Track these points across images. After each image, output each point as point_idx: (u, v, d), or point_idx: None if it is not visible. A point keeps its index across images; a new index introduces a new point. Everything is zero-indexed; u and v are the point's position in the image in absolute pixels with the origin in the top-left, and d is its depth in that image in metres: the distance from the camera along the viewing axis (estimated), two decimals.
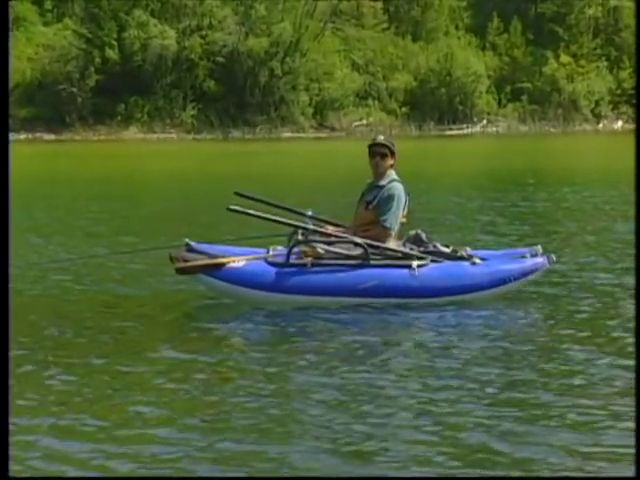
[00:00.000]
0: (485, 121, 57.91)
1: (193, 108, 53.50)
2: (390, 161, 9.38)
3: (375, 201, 9.23)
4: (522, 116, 58.79)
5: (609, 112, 60.86)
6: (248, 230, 11.02)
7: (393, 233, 9.21)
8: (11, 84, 52.96)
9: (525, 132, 56.61)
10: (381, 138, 9.55)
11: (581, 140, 50.77)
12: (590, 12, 62.00)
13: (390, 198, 9.17)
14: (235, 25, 54.88)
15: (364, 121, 55.78)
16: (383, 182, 9.30)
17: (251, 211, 9.10)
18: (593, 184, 23.71)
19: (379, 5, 59.49)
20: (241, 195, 9.67)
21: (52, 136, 51.09)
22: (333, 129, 54.93)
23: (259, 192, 10.12)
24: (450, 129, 55.66)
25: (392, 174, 9.40)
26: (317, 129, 54.81)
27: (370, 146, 9.42)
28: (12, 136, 50.18)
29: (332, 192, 20.54)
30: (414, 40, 59.53)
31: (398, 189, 9.24)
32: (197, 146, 46.25)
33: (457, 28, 61.69)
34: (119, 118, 52.95)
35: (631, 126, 59.89)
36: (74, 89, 52.18)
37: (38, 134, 51.29)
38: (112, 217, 16.98)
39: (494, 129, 57.55)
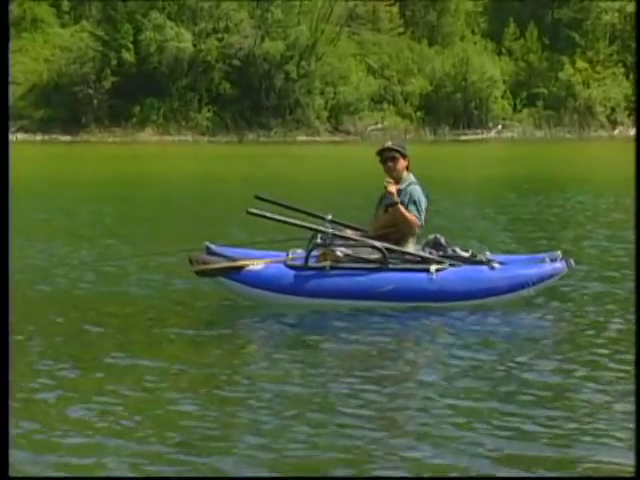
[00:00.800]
0: (500, 126, 57.82)
1: (208, 111, 53.58)
2: (403, 163, 9.36)
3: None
4: (537, 122, 58.69)
5: (625, 118, 60.69)
6: (268, 233, 11.07)
7: (419, 231, 9.22)
8: (27, 85, 53.21)
9: (540, 138, 56.51)
10: (389, 143, 9.56)
11: (597, 146, 50.66)
12: (607, 18, 61.89)
13: (412, 199, 9.18)
14: (251, 28, 54.94)
15: (379, 125, 55.78)
16: (402, 185, 9.32)
17: (270, 214, 9.14)
18: (608, 191, 23.66)
19: (395, 9, 59.50)
20: (262, 199, 9.72)
21: (68, 137, 51.23)
22: (348, 133, 54.94)
23: (274, 195, 10.15)
24: (465, 134, 55.59)
25: (410, 177, 9.41)
26: (332, 133, 54.83)
27: (378, 153, 9.44)
28: (28, 137, 50.44)
29: (347, 196, 20.54)
30: (430, 44, 59.52)
31: (417, 191, 9.26)
32: (212, 148, 46.29)
33: (473, 33, 61.65)
34: (134, 120, 53.05)
35: None
36: (90, 91, 52.31)
37: (54, 135, 51.42)
38: (126, 219, 17.04)
39: (509, 134, 57.46)
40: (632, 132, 60.40)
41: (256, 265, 8.99)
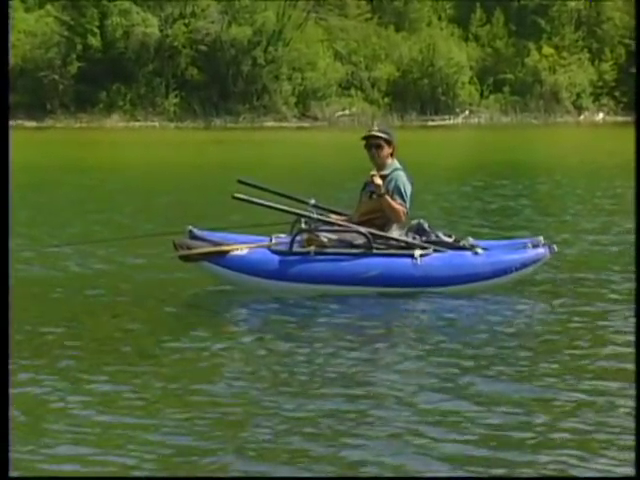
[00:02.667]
0: (467, 112, 57.90)
1: (176, 96, 53.26)
2: (387, 150, 9.37)
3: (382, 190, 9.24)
4: (504, 107, 58.82)
5: (590, 104, 60.99)
6: (247, 218, 11.03)
7: (405, 220, 9.23)
8: None
9: (507, 123, 56.64)
10: (375, 129, 9.54)
11: (563, 132, 50.91)
12: (572, 4, 62.05)
13: (397, 187, 9.20)
14: (218, 13, 54.63)
15: (347, 111, 55.67)
16: (386, 172, 9.33)
17: (256, 199, 9.14)
18: (578, 176, 23.82)
19: None
20: (244, 183, 9.70)
21: (33, 123, 50.78)
22: (316, 119, 54.81)
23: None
24: (432, 120, 55.62)
25: (394, 163, 9.43)
26: (300, 119, 54.68)
27: (364, 138, 9.42)
28: None
29: (318, 181, 20.55)
30: (397, 30, 59.39)
31: (402, 177, 9.27)
32: (180, 134, 46.09)
33: (440, 19, 61.60)
34: (101, 106, 52.62)
35: (612, 118, 60.15)
36: (55, 76, 51.86)
37: (19, 121, 50.94)
38: (100, 205, 16.94)
39: (476, 120, 57.57)
40: (597, 118, 60.83)
41: (241, 250, 8.99)
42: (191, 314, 8.63)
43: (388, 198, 9.09)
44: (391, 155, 9.40)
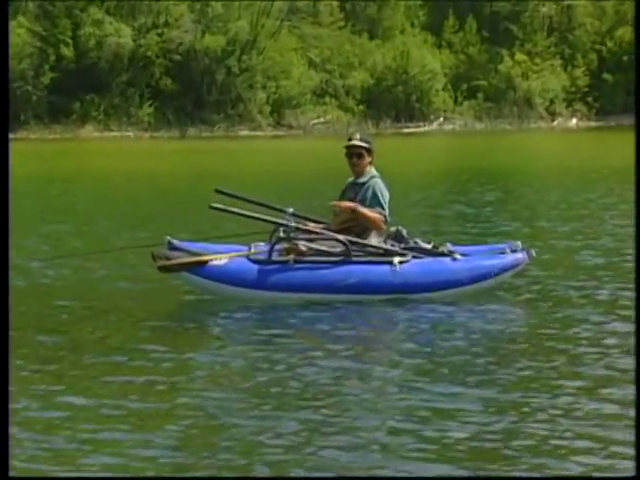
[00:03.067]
0: (442, 119, 58.12)
1: (150, 106, 53.17)
2: (368, 159, 9.44)
3: (358, 197, 9.27)
4: (478, 114, 59.08)
5: (564, 110, 61.34)
6: (225, 227, 11.02)
7: (385, 226, 9.24)
8: None
9: (481, 129, 56.92)
10: (357, 137, 9.56)
11: (537, 137, 51.16)
12: (544, 10, 62.47)
13: (374, 194, 9.22)
14: (191, 23, 54.60)
15: (321, 119, 55.78)
16: (363, 179, 9.36)
17: (233, 209, 9.13)
18: (553, 181, 23.95)
19: (335, 3, 59.43)
20: (222, 192, 9.66)
21: None
22: (290, 127, 54.87)
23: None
24: (407, 127, 55.79)
25: (372, 171, 9.46)
26: (275, 127, 54.72)
27: (346, 147, 9.45)
28: None
29: (295, 190, 20.56)
30: (371, 38, 59.58)
31: (379, 184, 9.30)
32: (155, 144, 46.00)
33: (413, 26, 61.82)
34: (75, 116, 52.47)
35: (585, 123, 60.48)
36: (29, 87, 51.65)
37: None
38: (73, 217, 16.88)
39: (450, 127, 57.79)
40: (570, 123, 61.16)
41: (220, 260, 8.96)
42: (170, 325, 8.59)
43: (363, 210, 9.10)
44: (370, 163, 9.43)
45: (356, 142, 9.41)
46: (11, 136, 50.03)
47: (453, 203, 18.87)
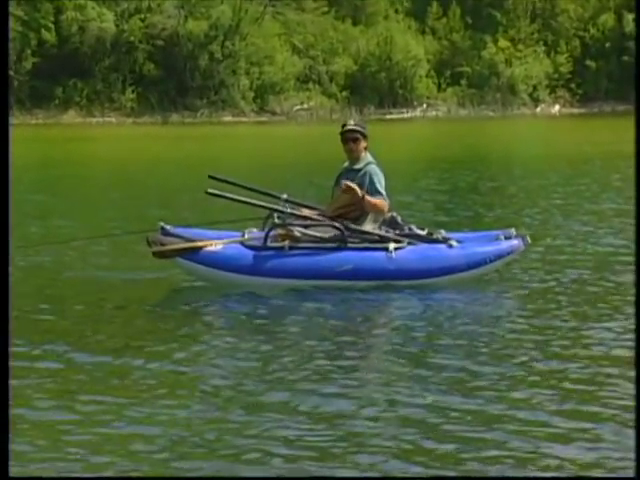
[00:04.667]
0: (425, 105, 58.13)
1: (133, 92, 52.97)
2: (363, 144, 9.41)
3: (356, 182, 9.23)
4: (461, 100, 59.11)
5: (546, 96, 61.44)
6: (214, 213, 10.96)
7: (387, 208, 9.20)
8: None
9: (464, 116, 56.96)
10: (351, 122, 9.55)
11: (520, 124, 51.25)
12: None
13: (372, 179, 9.19)
14: (174, 8, 54.40)
15: (305, 105, 55.70)
16: (359, 165, 9.33)
17: (229, 195, 9.08)
18: (537, 168, 23.98)
19: None
20: (215, 178, 9.60)
21: None
22: (274, 113, 54.76)
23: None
24: (390, 113, 55.75)
25: (368, 157, 9.42)
26: (258, 113, 54.60)
27: (341, 133, 9.43)
28: None
29: (281, 176, 20.47)
30: (354, 24, 59.50)
31: (376, 170, 9.27)
32: (138, 130, 45.81)
33: (397, 12, 61.75)
34: (57, 102, 52.24)
35: (568, 110, 60.61)
36: (10, 72, 51.31)
37: None
38: (54, 202, 16.78)
39: (434, 113, 57.81)
40: (553, 110, 61.27)
41: (215, 246, 8.92)
42: (165, 312, 8.54)
43: (368, 198, 9.06)
44: (365, 149, 9.40)
45: (351, 126, 9.38)
46: None
47: (438, 190, 18.84)
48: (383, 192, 9.18)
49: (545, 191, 18.01)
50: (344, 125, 9.46)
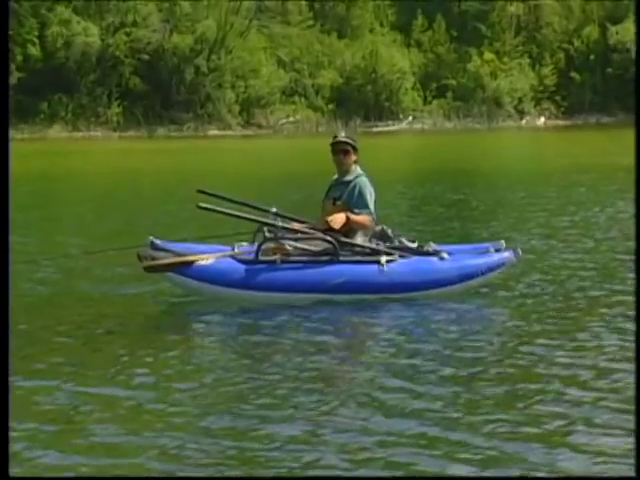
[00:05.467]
0: (411, 118, 58.26)
1: (118, 106, 52.94)
2: (353, 157, 9.42)
3: (344, 196, 9.23)
4: (447, 113, 59.29)
5: (532, 108, 61.66)
6: (200, 228, 10.92)
7: (374, 222, 9.20)
8: None
9: (450, 129, 57.08)
10: (342, 135, 9.55)
11: (506, 136, 51.36)
12: (512, 9, 62.79)
13: (361, 192, 9.18)
14: (159, 22, 54.44)
15: (291, 118, 55.75)
16: (349, 177, 9.32)
17: (221, 209, 9.05)
18: (524, 180, 24.02)
19: (304, 2, 59.48)
20: (204, 192, 9.59)
21: None
22: (260, 126, 54.79)
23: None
24: (376, 126, 55.84)
25: (357, 169, 9.42)
26: (244, 127, 54.63)
27: (332, 144, 9.43)
28: None
29: (268, 190, 20.45)
30: (339, 37, 59.64)
31: (366, 183, 9.26)
32: (124, 144, 45.74)
33: (382, 25, 61.94)
34: (42, 116, 52.18)
35: (553, 122, 60.83)
36: None
37: None
38: (54, 216, 16.72)
39: (420, 126, 57.92)
40: (539, 122, 61.48)
41: (206, 260, 8.88)
42: (157, 327, 8.50)
43: (352, 216, 9.07)
44: (355, 162, 9.39)
45: (342, 139, 9.38)
46: None
47: (424, 203, 18.84)
48: (371, 206, 9.17)
49: (533, 202, 18.03)
50: (335, 137, 9.46)
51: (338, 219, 9.09)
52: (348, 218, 9.09)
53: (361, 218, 9.12)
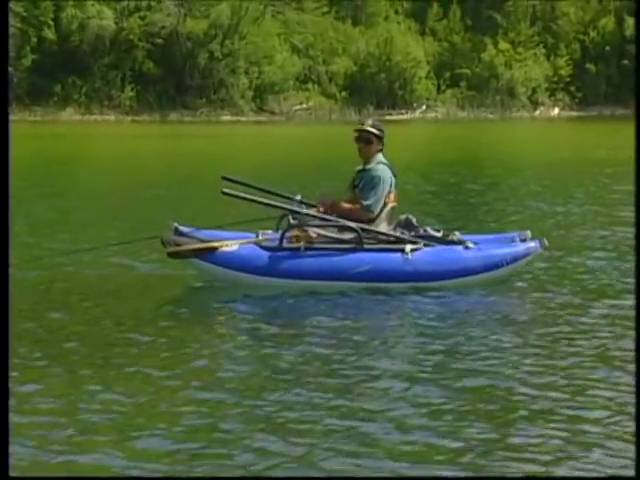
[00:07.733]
0: (424, 106, 58.07)
1: (132, 90, 52.81)
2: (377, 146, 9.35)
3: (360, 184, 9.20)
4: (461, 102, 59.06)
5: (546, 99, 61.42)
6: (221, 215, 10.87)
7: (373, 215, 9.12)
8: None
9: (463, 118, 56.87)
10: (369, 123, 9.48)
11: (520, 126, 51.18)
12: None
13: (372, 180, 9.14)
14: (174, 6, 54.26)
15: (304, 105, 55.59)
16: (369, 166, 9.29)
17: (245, 195, 9.01)
18: (540, 170, 23.92)
19: None
20: (228, 179, 9.55)
21: None
22: (273, 113, 54.63)
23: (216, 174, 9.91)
24: (390, 114, 55.59)
25: (379, 157, 9.35)
26: (257, 113, 54.46)
27: (356, 131, 9.37)
28: None
29: (284, 176, 20.39)
30: (354, 24, 59.42)
31: (382, 171, 9.20)
32: (137, 128, 45.64)
33: (397, 13, 61.68)
34: (56, 99, 52.05)
35: (567, 113, 60.61)
36: (10, 68, 51.16)
37: None
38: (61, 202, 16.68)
39: (433, 115, 57.74)
40: (553, 112, 61.25)
41: (230, 246, 8.84)
42: (179, 313, 8.44)
43: (341, 205, 9.09)
44: (379, 151, 9.33)
45: (366, 127, 9.32)
46: None
47: (442, 192, 18.76)
48: (370, 199, 9.07)
49: (550, 192, 17.96)
50: (362, 124, 9.40)
51: (323, 209, 9.05)
52: (336, 205, 9.05)
53: (347, 206, 9.08)
